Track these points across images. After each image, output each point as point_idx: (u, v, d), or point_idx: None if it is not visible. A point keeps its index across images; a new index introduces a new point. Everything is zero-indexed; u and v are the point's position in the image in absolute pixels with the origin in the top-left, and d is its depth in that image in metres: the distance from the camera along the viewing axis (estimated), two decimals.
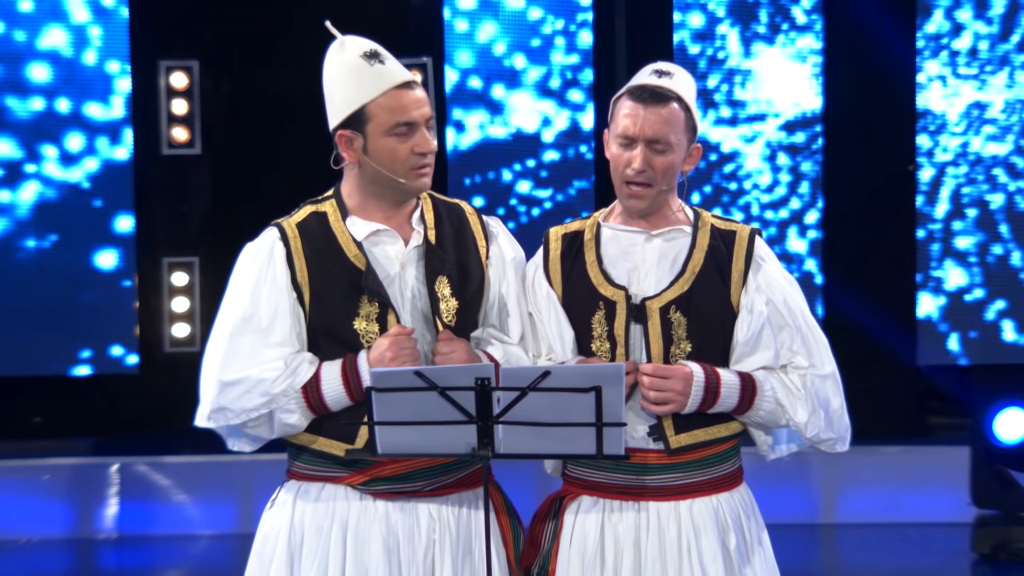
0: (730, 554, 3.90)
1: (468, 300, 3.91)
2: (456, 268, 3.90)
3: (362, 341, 3.83)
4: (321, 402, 3.81)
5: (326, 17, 4.00)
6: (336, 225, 3.89)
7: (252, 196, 9.26)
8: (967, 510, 8.43)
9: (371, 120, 3.83)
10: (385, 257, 3.88)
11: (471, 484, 3.91)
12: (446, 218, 3.96)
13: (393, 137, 3.83)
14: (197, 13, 10.05)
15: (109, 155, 9.83)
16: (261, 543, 3.93)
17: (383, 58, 3.86)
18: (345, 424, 3.81)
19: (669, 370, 3.83)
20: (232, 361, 3.82)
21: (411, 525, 3.86)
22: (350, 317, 3.84)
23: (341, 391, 3.80)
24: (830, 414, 3.94)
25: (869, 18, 9.58)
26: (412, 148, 3.84)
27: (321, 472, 3.89)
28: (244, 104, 10.13)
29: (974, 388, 9.56)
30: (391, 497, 3.86)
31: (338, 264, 3.85)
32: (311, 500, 3.89)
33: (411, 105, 3.83)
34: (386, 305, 3.83)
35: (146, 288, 9.93)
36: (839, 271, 9.76)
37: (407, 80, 3.85)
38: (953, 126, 9.75)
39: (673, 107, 3.90)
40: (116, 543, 8.99)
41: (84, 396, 10.05)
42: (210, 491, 9.02)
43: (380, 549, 3.83)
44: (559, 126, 9.91)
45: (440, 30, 9.76)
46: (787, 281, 4.00)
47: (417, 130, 3.84)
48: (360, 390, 3.78)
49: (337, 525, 3.85)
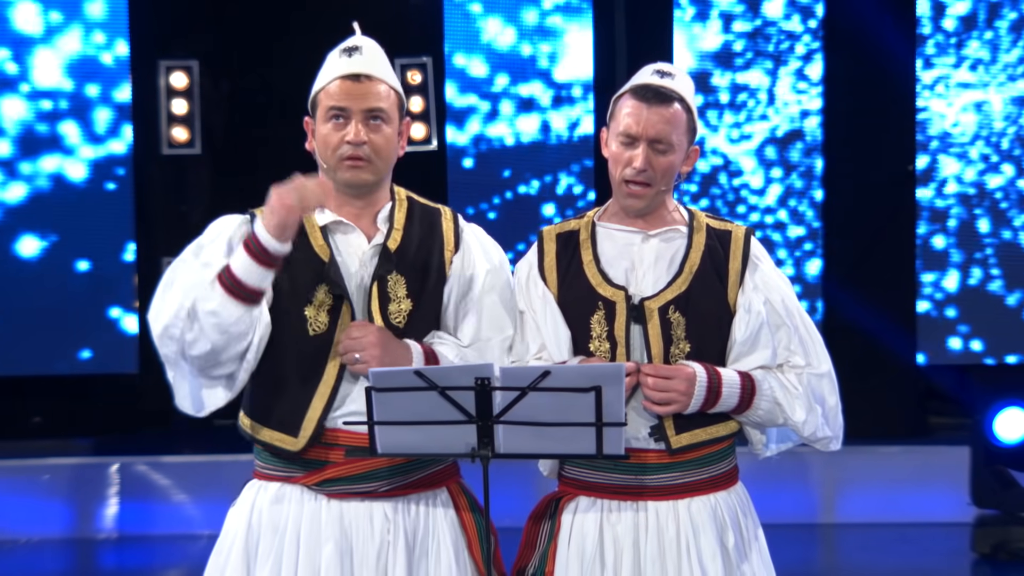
0: (729, 552, 3.91)
1: (424, 303, 3.90)
2: (413, 270, 3.89)
3: (308, 328, 3.83)
4: (233, 277, 3.74)
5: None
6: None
7: (252, 196, 9.24)
8: (967, 510, 8.43)
9: (318, 107, 3.89)
10: (347, 251, 3.89)
11: (430, 485, 3.90)
12: (418, 220, 3.95)
13: (329, 123, 3.87)
14: (197, 13, 10.06)
15: (109, 155, 9.83)
16: (221, 540, 3.94)
17: (361, 52, 3.88)
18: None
19: (672, 370, 3.83)
20: (170, 283, 3.85)
21: (365, 526, 3.84)
22: (302, 303, 3.84)
23: (244, 254, 3.74)
24: (826, 412, 3.95)
25: (869, 18, 9.58)
26: (343, 137, 3.84)
27: (278, 472, 3.89)
28: (244, 104, 10.14)
29: (974, 388, 9.57)
30: (346, 497, 3.84)
31: (302, 251, 3.85)
32: (268, 500, 3.88)
33: (348, 93, 3.85)
34: (341, 298, 3.83)
35: (146, 288, 9.93)
36: (839, 271, 9.77)
37: (358, 72, 3.86)
38: (953, 126, 9.76)
39: (676, 107, 3.90)
40: (116, 543, 8.99)
41: (84, 396, 10.05)
42: (210, 491, 9.01)
43: (333, 550, 3.81)
44: (558, 126, 9.91)
45: (440, 30, 9.76)
46: (783, 280, 4.01)
47: (351, 120, 3.84)
48: (261, 247, 3.72)
49: (292, 525, 3.85)
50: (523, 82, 9.89)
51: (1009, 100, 9.75)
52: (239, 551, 3.88)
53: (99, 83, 9.79)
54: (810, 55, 9.80)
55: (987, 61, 9.75)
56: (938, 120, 9.77)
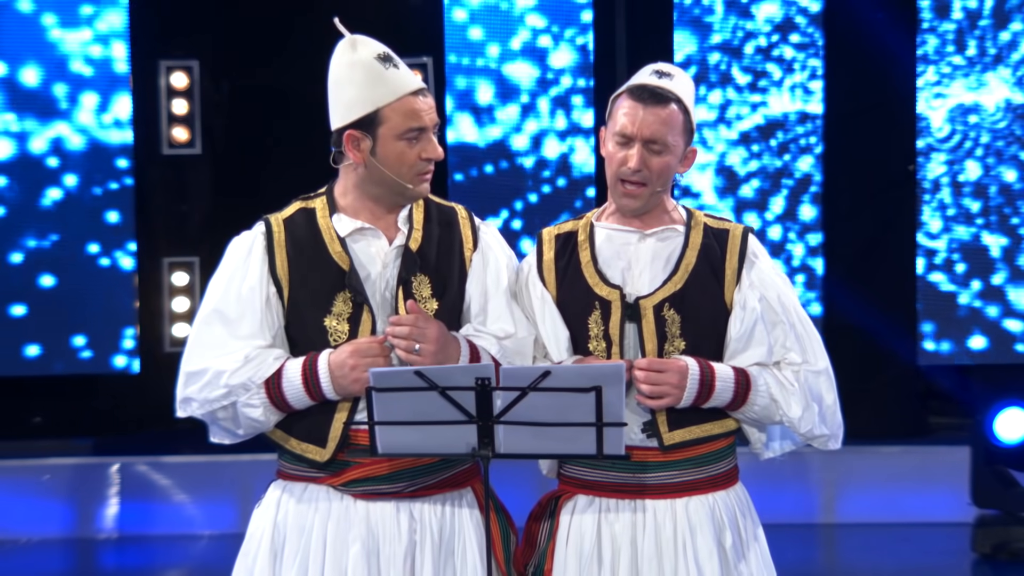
0: (726, 552, 3.91)
1: (448, 302, 3.91)
2: (437, 270, 3.90)
3: (329, 339, 3.83)
4: (283, 398, 3.81)
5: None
6: (323, 222, 3.90)
7: (252, 196, 9.25)
8: (967, 510, 8.43)
9: (384, 123, 3.84)
10: (367, 256, 3.89)
11: (454, 485, 3.90)
12: (436, 220, 3.96)
13: (404, 141, 3.85)
14: (197, 13, 10.05)
15: (109, 154, 9.82)
16: (247, 542, 3.94)
17: (396, 62, 3.89)
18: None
19: (664, 363, 3.83)
20: (198, 351, 3.85)
21: (391, 526, 3.84)
22: (322, 314, 3.84)
23: (301, 390, 3.80)
24: (823, 410, 3.95)
25: (869, 17, 9.58)
26: (420, 153, 3.86)
27: (303, 472, 3.89)
28: (244, 104, 10.13)
29: (974, 388, 9.57)
30: (372, 498, 3.85)
31: (319, 260, 3.86)
32: (294, 500, 3.89)
33: (424, 111, 3.86)
34: (362, 305, 3.83)
35: (146, 288, 9.93)
36: (839, 271, 9.77)
37: (421, 87, 3.89)
38: (952, 127, 9.75)
39: (672, 108, 3.90)
40: (116, 543, 8.99)
41: (84, 396, 10.05)
42: (210, 491, 9.02)
43: (360, 551, 3.82)
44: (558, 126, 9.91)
45: (440, 30, 9.76)
46: (780, 278, 4.01)
47: (426, 136, 3.86)
48: (319, 391, 3.78)
49: (318, 526, 3.85)
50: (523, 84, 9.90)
51: (1009, 100, 9.75)
52: (266, 552, 3.88)
53: (99, 83, 9.78)
54: (809, 54, 9.80)
55: (988, 61, 9.75)
56: (938, 120, 9.76)
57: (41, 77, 9.75)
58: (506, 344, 3.91)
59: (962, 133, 9.78)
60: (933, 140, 9.77)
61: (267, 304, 3.86)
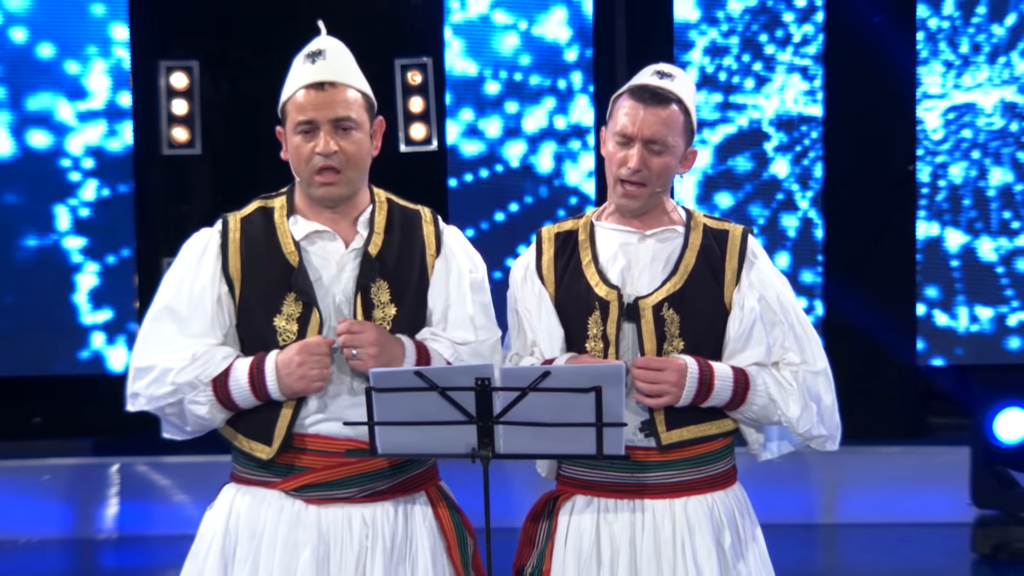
0: (724, 552, 3.91)
1: (407, 308, 3.88)
2: (396, 275, 3.87)
3: (279, 339, 3.82)
4: (229, 397, 3.81)
5: (327, 18, 4.01)
6: (279, 221, 3.90)
7: (252, 196, 9.24)
8: (967, 510, 8.43)
9: (287, 117, 3.88)
10: (322, 258, 3.87)
11: (407, 490, 3.88)
12: (398, 224, 3.92)
13: (298, 136, 3.85)
14: (197, 13, 10.05)
15: (109, 155, 9.83)
16: (197, 543, 3.95)
17: (325, 56, 3.85)
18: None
19: (663, 362, 3.83)
20: (148, 347, 3.89)
21: (343, 532, 3.82)
22: (271, 313, 3.83)
23: (247, 390, 3.79)
24: (822, 410, 3.95)
25: (869, 17, 9.59)
26: (313, 148, 3.82)
27: (255, 476, 3.89)
28: (244, 104, 10.13)
29: (974, 388, 9.57)
30: (324, 503, 3.83)
31: (272, 260, 3.85)
32: (246, 504, 3.88)
33: (314, 104, 3.82)
34: (311, 306, 3.81)
35: (146, 288, 9.93)
36: (839, 271, 9.77)
37: (321, 81, 3.83)
38: (952, 127, 9.76)
39: (673, 109, 3.90)
40: (116, 543, 8.99)
41: (84, 396, 10.05)
42: (210, 491, 8.98)
43: (310, 556, 3.80)
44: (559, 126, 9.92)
45: (440, 30, 9.76)
46: (779, 278, 4.01)
47: (318, 131, 3.82)
48: (264, 391, 3.77)
49: (269, 530, 3.84)
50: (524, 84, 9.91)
51: (1007, 101, 9.76)
52: (216, 555, 3.88)
53: (100, 82, 9.79)
54: (809, 52, 9.80)
55: (988, 62, 9.75)
56: (938, 121, 9.77)
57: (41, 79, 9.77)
58: (461, 349, 3.88)
59: (963, 133, 9.78)
60: (930, 143, 9.78)
61: (218, 303, 3.85)
